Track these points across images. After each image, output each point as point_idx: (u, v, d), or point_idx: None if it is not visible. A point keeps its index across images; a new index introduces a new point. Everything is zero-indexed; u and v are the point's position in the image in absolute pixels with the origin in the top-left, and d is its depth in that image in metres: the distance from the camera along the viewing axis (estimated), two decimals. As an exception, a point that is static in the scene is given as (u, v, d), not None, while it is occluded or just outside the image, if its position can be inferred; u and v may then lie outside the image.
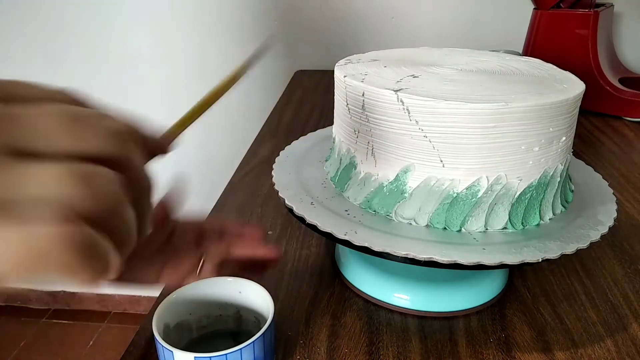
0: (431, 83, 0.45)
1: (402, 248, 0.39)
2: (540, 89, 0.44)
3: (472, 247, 0.41)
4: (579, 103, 0.45)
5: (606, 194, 0.50)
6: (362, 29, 1.27)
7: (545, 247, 0.41)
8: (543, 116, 0.41)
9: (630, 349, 0.44)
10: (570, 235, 0.43)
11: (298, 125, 0.96)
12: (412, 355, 0.44)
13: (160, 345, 0.36)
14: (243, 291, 0.42)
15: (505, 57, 0.57)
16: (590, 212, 0.47)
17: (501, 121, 0.40)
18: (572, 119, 0.45)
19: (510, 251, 0.40)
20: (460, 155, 0.41)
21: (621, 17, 1.19)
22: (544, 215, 0.45)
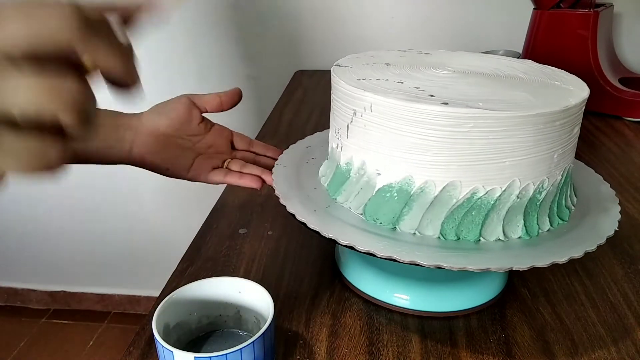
0: (429, 86, 0.44)
1: (406, 255, 0.39)
2: (533, 96, 0.44)
3: (479, 253, 0.41)
4: (569, 114, 0.42)
5: (609, 198, 0.50)
6: (362, 29, 1.27)
7: (551, 250, 0.41)
8: (523, 126, 0.40)
9: (630, 349, 0.44)
10: (572, 239, 0.43)
11: (298, 125, 0.95)
12: (412, 355, 0.44)
13: (160, 345, 0.36)
14: (243, 291, 0.42)
15: (509, 60, 0.57)
16: (593, 218, 0.47)
17: (478, 127, 0.39)
18: (564, 130, 0.43)
19: (519, 255, 0.41)
20: (454, 162, 0.41)
21: (621, 17, 1.19)
22: (543, 224, 0.45)
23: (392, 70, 0.50)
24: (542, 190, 0.43)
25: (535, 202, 0.43)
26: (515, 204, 0.42)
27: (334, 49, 1.29)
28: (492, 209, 0.42)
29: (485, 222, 0.42)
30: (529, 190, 0.42)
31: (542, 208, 0.44)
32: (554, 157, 0.43)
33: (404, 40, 1.27)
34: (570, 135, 0.44)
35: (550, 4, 0.99)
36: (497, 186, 0.41)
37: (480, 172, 0.41)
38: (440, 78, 0.47)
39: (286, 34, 1.30)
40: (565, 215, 0.46)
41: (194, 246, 0.60)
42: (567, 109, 0.41)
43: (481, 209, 0.42)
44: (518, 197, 0.42)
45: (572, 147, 0.46)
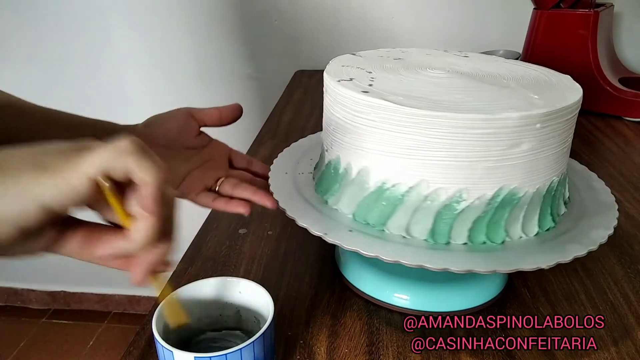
0: (417, 87, 0.45)
1: (391, 255, 0.40)
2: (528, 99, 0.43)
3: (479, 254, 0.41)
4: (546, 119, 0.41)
5: (608, 198, 0.50)
6: (362, 29, 1.27)
7: (555, 250, 0.41)
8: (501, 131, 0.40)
9: (630, 348, 0.44)
10: (573, 240, 0.43)
11: (298, 125, 0.95)
12: (412, 355, 0.44)
13: (160, 345, 0.36)
14: (243, 291, 0.42)
15: (493, 59, 0.57)
16: (588, 221, 0.46)
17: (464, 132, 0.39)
18: (554, 133, 0.42)
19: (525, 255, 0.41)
20: (443, 165, 0.41)
21: (621, 17, 1.19)
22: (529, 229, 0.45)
23: (382, 72, 0.50)
24: (532, 194, 0.43)
25: (524, 205, 0.43)
26: (503, 208, 0.42)
27: (334, 49, 1.29)
28: (482, 213, 0.42)
29: (473, 226, 0.42)
30: (518, 194, 0.42)
31: (531, 212, 0.44)
32: (545, 161, 0.42)
33: (404, 41, 1.27)
34: (562, 137, 0.43)
35: (550, 4, 0.99)
36: (486, 190, 0.41)
37: (469, 175, 0.41)
38: (430, 80, 0.47)
39: (286, 34, 1.30)
40: (555, 219, 0.46)
41: (194, 246, 0.60)
42: (578, 101, 0.42)
43: (470, 212, 0.42)
44: (506, 201, 0.42)
45: (565, 150, 0.45)
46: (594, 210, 0.48)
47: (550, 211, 0.45)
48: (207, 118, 0.53)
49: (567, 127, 0.44)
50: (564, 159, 0.46)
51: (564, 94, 0.45)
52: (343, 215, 0.46)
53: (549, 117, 0.41)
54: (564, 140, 0.44)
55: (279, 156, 0.56)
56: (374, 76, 0.48)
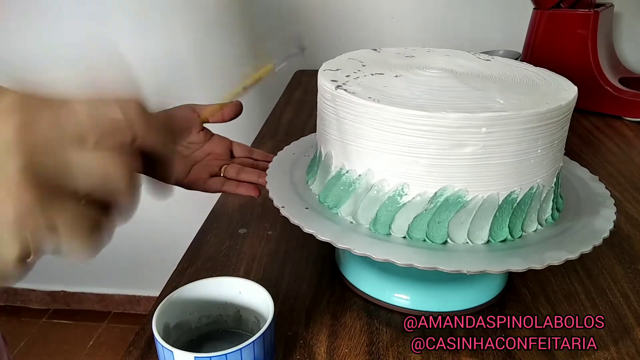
0: (389, 83, 0.46)
1: (403, 258, 0.40)
2: (532, 97, 0.43)
3: (475, 255, 0.41)
4: (540, 119, 0.40)
5: (606, 198, 0.50)
6: (362, 29, 1.27)
7: (548, 253, 0.41)
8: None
9: (630, 348, 0.44)
10: (572, 240, 0.43)
11: (298, 125, 0.96)
12: (412, 355, 0.44)
13: (160, 345, 0.36)
14: (243, 291, 0.42)
15: (492, 59, 0.57)
16: (588, 218, 0.46)
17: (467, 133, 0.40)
18: (549, 132, 0.42)
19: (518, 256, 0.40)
20: (445, 167, 0.41)
21: (621, 17, 1.19)
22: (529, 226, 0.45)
23: (375, 66, 0.51)
24: (533, 192, 0.43)
25: (535, 201, 0.43)
26: (517, 205, 0.42)
27: (334, 49, 1.29)
28: (499, 210, 0.42)
29: (414, 221, 0.43)
30: (520, 194, 0.42)
31: (542, 206, 0.44)
32: (500, 168, 0.41)
33: (403, 41, 1.27)
34: (522, 147, 0.41)
35: (550, 4, 0.99)
36: (428, 188, 0.42)
37: (411, 170, 0.42)
38: (413, 78, 0.48)
39: (286, 33, 1.30)
40: (560, 210, 0.46)
41: (194, 246, 0.60)
42: (552, 110, 0.41)
43: (411, 208, 0.42)
44: (450, 202, 0.42)
45: (563, 144, 0.45)
46: (589, 203, 0.49)
47: (508, 223, 0.43)
48: (210, 115, 0.55)
49: (528, 136, 0.40)
50: (533, 168, 0.42)
51: (539, 100, 0.42)
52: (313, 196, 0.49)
53: (497, 123, 0.39)
54: (526, 150, 0.41)
55: (274, 160, 0.56)
56: (359, 69, 0.50)
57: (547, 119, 0.41)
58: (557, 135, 0.43)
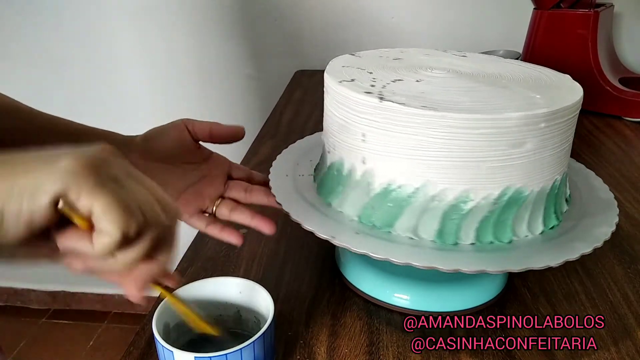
0: (423, 89, 0.45)
1: (401, 257, 0.40)
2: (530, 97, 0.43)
3: (472, 254, 0.41)
4: (548, 119, 0.41)
5: (608, 197, 0.50)
6: (362, 29, 1.27)
7: (550, 252, 0.41)
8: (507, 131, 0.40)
9: (630, 349, 0.44)
10: (572, 241, 0.43)
11: (298, 125, 0.95)
12: (412, 355, 0.44)
13: (160, 345, 0.36)
14: (243, 291, 0.42)
15: (496, 60, 0.57)
16: (590, 220, 0.46)
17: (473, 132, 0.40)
18: (557, 132, 0.42)
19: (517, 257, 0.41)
20: (451, 166, 0.41)
21: (621, 17, 1.19)
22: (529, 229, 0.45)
23: (382, 71, 0.50)
24: (536, 193, 0.43)
25: (529, 204, 0.43)
26: (509, 207, 0.42)
27: (334, 49, 1.29)
28: (488, 213, 0.42)
29: (481, 225, 0.42)
30: (524, 193, 0.42)
31: (536, 211, 0.44)
32: (548, 160, 0.43)
33: (404, 41, 1.27)
34: (565, 136, 0.43)
35: (550, 4, 0.99)
36: (492, 190, 0.41)
37: (474, 176, 0.41)
38: (431, 80, 0.47)
39: (286, 34, 1.30)
40: (559, 217, 0.46)
41: (194, 246, 0.60)
42: (578, 102, 0.42)
43: (477, 212, 0.42)
44: (512, 200, 0.42)
45: (567, 149, 0.46)
46: (595, 207, 0.49)
47: (554, 209, 0.46)
48: (199, 132, 0.49)
49: (569, 126, 0.44)
50: (566, 157, 0.46)
51: (564, 94, 0.45)
52: (347, 217, 0.46)
53: (552, 117, 0.41)
54: (566, 140, 0.44)
55: (278, 158, 0.56)
56: (375, 77, 0.47)
57: (575, 110, 0.44)
58: (574, 127, 0.46)
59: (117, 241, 0.27)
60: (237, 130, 0.50)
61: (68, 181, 0.26)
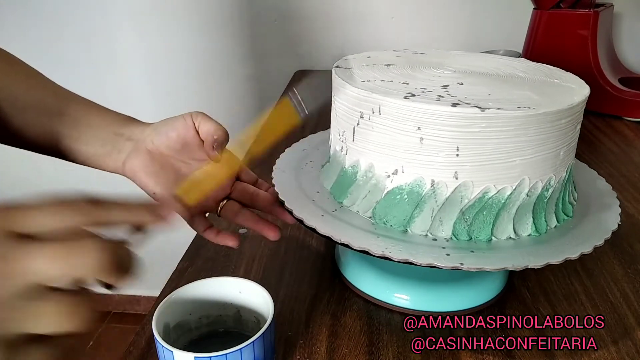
0: (435, 87, 0.44)
1: (422, 258, 0.39)
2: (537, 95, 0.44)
3: (478, 253, 0.41)
4: (560, 116, 0.42)
5: (610, 197, 0.50)
6: (362, 29, 1.27)
7: (549, 251, 0.41)
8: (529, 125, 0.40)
9: (630, 349, 0.44)
10: (574, 240, 0.43)
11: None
12: (412, 355, 0.44)
13: (160, 345, 0.36)
14: (243, 291, 0.42)
15: (506, 59, 0.57)
16: (594, 217, 0.47)
17: (489, 127, 0.40)
18: (568, 128, 0.43)
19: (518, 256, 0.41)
20: (465, 163, 0.41)
21: (621, 17, 1.19)
22: (549, 221, 0.45)
23: (393, 71, 0.50)
24: (549, 187, 0.44)
25: (543, 199, 0.44)
26: (524, 202, 0.43)
27: (334, 49, 1.29)
28: (503, 208, 0.42)
29: (496, 221, 0.42)
30: (538, 188, 0.43)
31: (549, 205, 0.44)
32: (560, 155, 0.43)
33: (404, 40, 1.27)
34: (574, 132, 0.45)
35: (550, 4, 0.99)
36: (507, 185, 0.42)
37: (491, 171, 0.41)
38: (443, 78, 0.47)
39: (286, 34, 1.30)
40: (569, 211, 0.47)
41: (194, 246, 0.60)
42: (572, 107, 0.42)
43: (492, 208, 0.42)
44: (527, 195, 0.42)
45: (574, 144, 0.46)
46: (596, 199, 0.50)
47: (568, 199, 0.47)
48: (202, 133, 0.48)
49: (577, 120, 0.45)
50: (574, 150, 0.48)
51: (569, 86, 0.47)
52: (358, 217, 0.45)
53: (573, 111, 0.43)
54: (577, 131, 0.46)
55: (278, 159, 0.56)
56: (423, 86, 0.45)
57: (583, 105, 0.45)
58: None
59: None
60: (223, 137, 0.48)
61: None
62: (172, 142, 0.47)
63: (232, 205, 0.50)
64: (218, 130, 0.47)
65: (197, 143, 0.48)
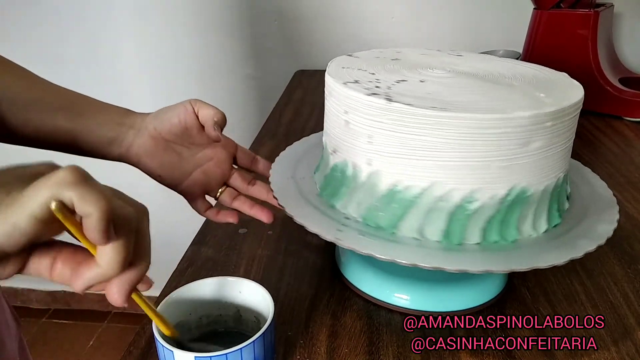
0: (425, 89, 0.45)
1: (407, 258, 0.39)
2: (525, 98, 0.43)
3: (477, 254, 0.41)
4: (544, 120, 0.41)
5: (608, 198, 0.50)
6: (362, 29, 1.27)
7: (550, 252, 0.41)
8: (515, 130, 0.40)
9: (630, 349, 0.44)
10: (573, 241, 0.43)
11: (298, 125, 0.96)
12: (412, 355, 0.44)
13: (160, 345, 0.36)
14: (243, 291, 0.42)
15: (499, 60, 0.57)
16: (593, 218, 0.46)
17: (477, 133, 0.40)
18: (559, 131, 0.42)
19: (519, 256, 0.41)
20: (456, 166, 0.41)
21: (621, 17, 1.19)
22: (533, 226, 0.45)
23: (384, 72, 0.50)
24: (473, 200, 0.42)
25: (534, 203, 0.43)
26: (514, 206, 0.42)
27: (334, 49, 1.29)
28: (494, 212, 0.42)
29: (403, 217, 0.43)
30: (454, 196, 0.42)
31: (540, 209, 0.44)
32: (492, 167, 0.41)
33: (404, 40, 1.27)
34: (519, 148, 0.41)
35: (550, 4, 0.99)
36: (498, 189, 0.41)
37: (402, 165, 0.41)
38: (434, 80, 0.47)
39: (286, 34, 1.30)
40: (561, 215, 0.46)
41: (194, 246, 0.60)
42: (501, 119, 0.40)
43: (483, 212, 0.42)
44: (443, 201, 0.42)
45: (526, 162, 0.43)
46: (595, 204, 0.49)
47: (557, 207, 0.46)
48: (201, 117, 0.51)
49: (572, 124, 0.44)
50: (568, 156, 0.46)
51: (566, 92, 0.45)
52: (352, 219, 0.46)
53: (559, 115, 0.41)
54: (569, 138, 0.45)
55: (277, 160, 0.56)
56: (378, 77, 0.47)
57: (578, 109, 0.44)
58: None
59: (125, 256, 0.28)
60: (221, 119, 0.51)
61: (65, 188, 0.26)
62: (174, 127, 0.51)
63: (230, 192, 0.54)
64: (217, 113, 0.50)
65: (197, 127, 0.51)
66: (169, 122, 0.51)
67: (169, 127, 0.51)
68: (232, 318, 0.44)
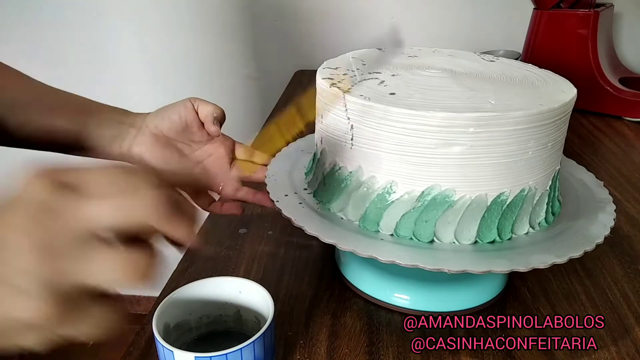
0: (415, 89, 0.45)
1: (386, 255, 0.40)
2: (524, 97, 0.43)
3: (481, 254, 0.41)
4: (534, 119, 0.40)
5: (606, 198, 0.50)
6: (362, 29, 1.27)
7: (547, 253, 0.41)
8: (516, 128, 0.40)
9: (630, 349, 0.44)
10: (571, 241, 0.43)
11: (298, 125, 0.95)
12: (412, 355, 0.44)
13: (160, 345, 0.36)
14: (243, 291, 0.42)
15: (505, 61, 0.57)
16: (584, 223, 0.46)
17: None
18: (552, 130, 0.42)
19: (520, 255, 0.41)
20: (449, 167, 0.41)
21: (621, 17, 1.19)
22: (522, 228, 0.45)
23: (378, 71, 0.50)
24: (524, 195, 0.43)
25: (526, 204, 0.43)
26: (507, 207, 0.43)
27: (334, 49, 1.29)
28: (487, 212, 0.42)
29: (383, 214, 0.43)
30: (509, 195, 0.42)
31: (535, 209, 0.44)
32: (548, 158, 0.43)
33: (403, 40, 1.27)
34: (515, 148, 0.41)
35: (550, 4, 0.99)
36: (415, 186, 0.42)
37: (401, 168, 0.42)
38: (424, 80, 0.47)
39: (286, 34, 1.30)
40: (555, 214, 0.46)
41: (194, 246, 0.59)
42: (543, 112, 0.40)
43: (399, 206, 0.42)
44: (511, 200, 0.42)
45: (560, 147, 0.45)
46: (591, 203, 0.49)
47: (552, 206, 0.46)
48: (201, 114, 0.53)
49: (518, 137, 0.40)
50: (522, 171, 0.42)
51: (534, 103, 0.42)
52: (349, 220, 0.46)
53: (484, 123, 0.39)
54: (517, 152, 0.41)
55: (275, 159, 0.56)
56: (366, 76, 0.49)
57: (538, 121, 0.40)
58: (551, 137, 0.43)
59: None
60: (220, 116, 0.53)
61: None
62: (175, 125, 0.52)
63: (231, 185, 0.56)
64: (217, 109, 0.53)
65: (197, 125, 0.53)
66: (170, 119, 0.52)
67: (170, 124, 0.52)
68: (232, 318, 0.44)
